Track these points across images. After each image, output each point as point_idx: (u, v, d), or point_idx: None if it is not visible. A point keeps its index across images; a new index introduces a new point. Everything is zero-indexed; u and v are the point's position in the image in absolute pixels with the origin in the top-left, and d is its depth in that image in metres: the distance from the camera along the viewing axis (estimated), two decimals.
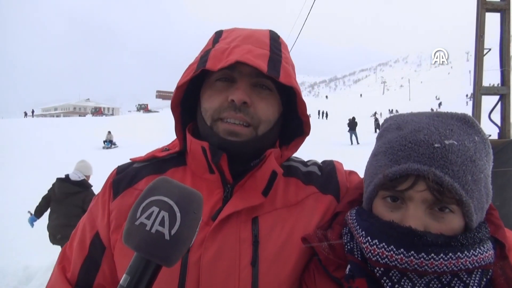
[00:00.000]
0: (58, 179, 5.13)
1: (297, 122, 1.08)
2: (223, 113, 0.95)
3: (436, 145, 0.78)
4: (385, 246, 0.77)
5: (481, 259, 0.77)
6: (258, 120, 0.96)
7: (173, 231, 0.62)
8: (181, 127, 1.09)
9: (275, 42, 1.02)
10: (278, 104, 1.02)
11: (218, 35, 1.05)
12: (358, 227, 0.86)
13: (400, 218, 0.79)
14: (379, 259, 0.78)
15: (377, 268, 0.79)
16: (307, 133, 1.08)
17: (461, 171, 0.77)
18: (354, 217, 0.90)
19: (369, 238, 0.81)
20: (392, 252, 0.76)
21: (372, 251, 0.79)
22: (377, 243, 0.79)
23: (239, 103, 0.92)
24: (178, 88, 1.00)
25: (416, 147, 0.79)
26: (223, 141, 0.95)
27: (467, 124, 0.84)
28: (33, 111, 68.63)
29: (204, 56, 0.98)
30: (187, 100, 1.07)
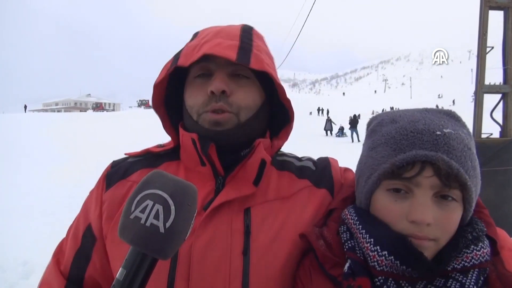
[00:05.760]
0: None
1: (283, 110, 1.08)
2: (206, 107, 0.96)
3: (437, 132, 0.79)
4: (393, 259, 0.78)
5: (478, 256, 0.78)
6: (238, 107, 0.97)
7: (167, 224, 0.62)
8: (170, 125, 1.11)
9: (246, 33, 1.04)
10: (258, 91, 1.03)
11: (194, 36, 1.08)
12: (364, 232, 0.84)
13: (407, 208, 0.78)
14: (385, 268, 0.79)
15: (380, 277, 0.79)
16: (292, 119, 1.08)
17: (463, 157, 0.78)
18: (356, 218, 0.88)
19: (378, 248, 0.80)
20: (396, 264, 0.77)
21: (379, 262, 0.79)
22: (387, 255, 0.78)
23: (218, 93, 0.94)
24: (156, 87, 1.02)
25: (419, 135, 0.80)
26: (209, 132, 0.96)
27: (454, 118, 0.87)
28: (25, 107, 66.83)
29: (177, 54, 1.01)
30: (174, 99, 1.10)
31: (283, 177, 1.06)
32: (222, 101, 0.95)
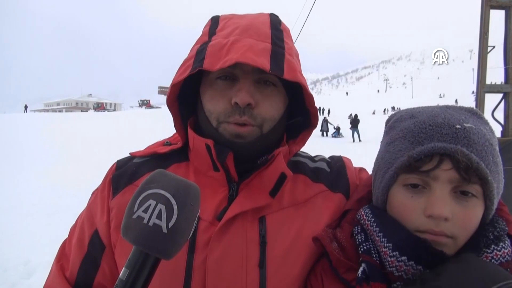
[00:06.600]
0: None
1: (304, 113, 1.04)
2: (228, 118, 0.91)
3: (457, 126, 0.78)
4: (414, 265, 0.75)
5: (499, 256, 0.75)
6: (262, 120, 0.92)
7: (170, 224, 0.62)
8: (180, 122, 1.04)
9: (276, 31, 0.96)
10: (283, 99, 0.98)
11: (215, 23, 1.00)
12: (382, 235, 0.81)
13: (425, 203, 0.76)
14: (404, 274, 0.76)
15: (398, 283, 0.77)
16: (315, 125, 1.03)
17: (483, 151, 0.76)
18: (373, 220, 0.86)
19: (397, 253, 0.77)
20: (419, 270, 0.75)
21: (398, 267, 0.77)
22: (406, 260, 0.76)
23: (243, 106, 0.88)
24: (173, 86, 0.96)
25: (438, 129, 0.78)
26: (229, 142, 0.91)
27: (476, 115, 0.85)
28: (26, 107, 66.17)
29: (200, 52, 0.92)
30: (185, 94, 1.03)
31: (298, 180, 1.02)
32: (246, 115, 0.89)
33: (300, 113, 1.05)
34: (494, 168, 0.77)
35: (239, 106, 0.88)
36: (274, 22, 0.99)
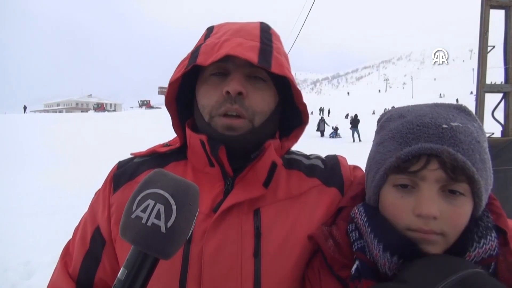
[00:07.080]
0: None
1: (295, 112, 1.08)
2: (220, 109, 0.94)
3: (444, 126, 0.79)
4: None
5: (480, 253, 0.77)
6: (253, 112, 0.95)
7: (169, 224, 0.62)
8: (179, 123, 1.09)
9: (265, 33, 1.02)
10: (273, 95, 1.02)
11: (210, 31, 1.05)
12: (373, 236, 0.83)
13: (414, 202, 0.78)
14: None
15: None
16: (306, 123, 1.07)
17: (470, 150, 0.77)
18: (366, 219, 0.87)
19: (387, 254, 0.79)
20: None
21: (390, 268, 0.79)
22: (396, 261, 0.78)
23: (234, 94, 0.91)
24: (171, 84, 1.00)
25: (425, 129, 0.80)
26: (221, 136, 0.94)
27: (464, 112, 0.86)
28: (25, 107, 65.94)
29: (195, 51, 0.98)
30: (183, 96, 1.07)
31: (292, 175, 1.05)
32: (237, 104, 0.93)
33: (292, 113, 1.09)
34: (481, 165, 0.79)
35: (231, 96, 0.92)
36: (264, 27, 1.05)
